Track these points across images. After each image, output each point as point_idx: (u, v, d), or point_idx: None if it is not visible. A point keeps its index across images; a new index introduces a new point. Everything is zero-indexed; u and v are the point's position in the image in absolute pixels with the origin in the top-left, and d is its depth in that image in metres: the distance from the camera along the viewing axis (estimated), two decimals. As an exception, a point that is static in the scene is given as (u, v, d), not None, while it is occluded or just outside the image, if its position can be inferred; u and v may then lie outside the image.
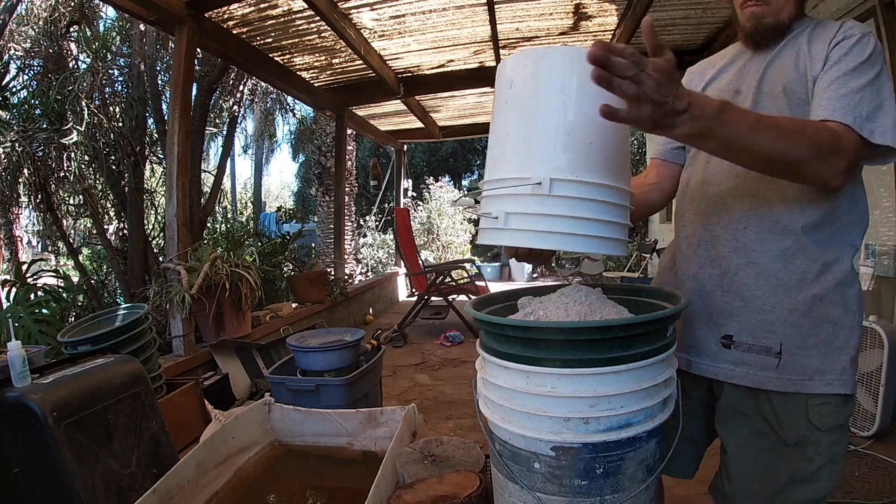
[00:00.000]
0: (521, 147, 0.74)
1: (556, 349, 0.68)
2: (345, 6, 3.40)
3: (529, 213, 0.72)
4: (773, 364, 0.85)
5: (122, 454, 1.41)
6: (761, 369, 0.86)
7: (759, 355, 0.86)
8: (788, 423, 0.84)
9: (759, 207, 0.88)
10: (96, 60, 3.64)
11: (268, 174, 21.36)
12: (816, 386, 0.83)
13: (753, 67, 0.96)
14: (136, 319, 2.13)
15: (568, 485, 0.69)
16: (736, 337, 0.89)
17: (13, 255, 4.70)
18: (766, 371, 0.85)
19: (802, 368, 0.84)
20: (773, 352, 0.85)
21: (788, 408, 0.85)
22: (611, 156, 0.73)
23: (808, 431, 0.83)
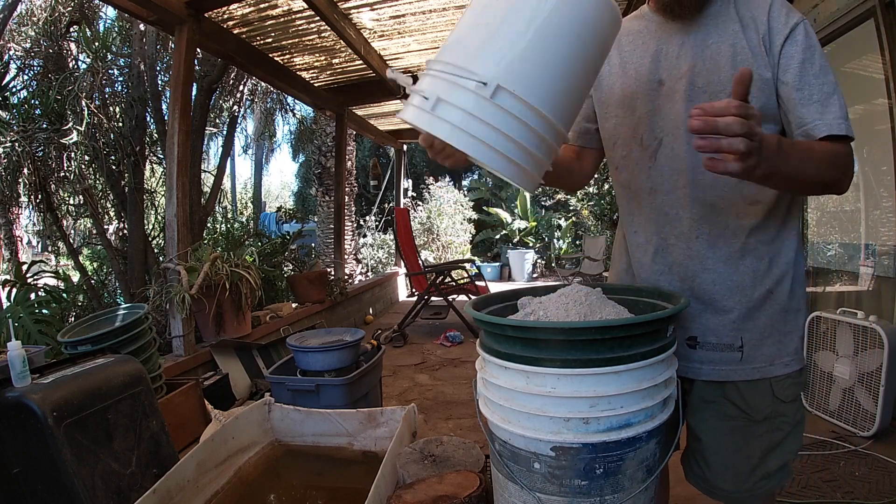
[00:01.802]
0: (480, 37, 0.69)
1: (556, 349, 0.68)
2: (345, 6, 3.41)
3: (461, 109, 0.67)
4: (736, 358, 0.90)
5: (122, 454, 1.40)
6: (726, 364, 0.91)
7: (724, 352, 0.91)
8: (756, 402, 0.90)
9: (709, 215, 0.90)
10: (96, 60, 3.64)
11: (268, 174, 21.37)
12: (777, 369, 0.90)
13: (672, 50, 0.91)
14: (136, 319, 2.13)
15: (568, 485, 0.69)
16: (700, 338, 0.92)
17: (13, 255, 4.70)
18: (731, 365, 0.91)
19: (763, 357, 0.90)
20: (735, 347, 0.90)
21: (754, 390, 0.91)
22: (565, 91, 0.69)
23: (774, 406, 0.90)
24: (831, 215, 3.34)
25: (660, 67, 0.92)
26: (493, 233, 11.18)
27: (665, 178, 0.93)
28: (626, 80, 0.97)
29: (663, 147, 0.93)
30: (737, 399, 0.91)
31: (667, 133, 0.92)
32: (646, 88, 0.93)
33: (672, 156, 0.92)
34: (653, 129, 0.94)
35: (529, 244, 10.47)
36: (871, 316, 2.27)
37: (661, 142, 0.93)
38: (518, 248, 10.06)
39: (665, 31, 0.93)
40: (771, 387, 0.90)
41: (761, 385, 0.90)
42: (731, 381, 0.91)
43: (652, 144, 0.94)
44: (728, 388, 0.92)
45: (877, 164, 2.72)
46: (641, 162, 0.97)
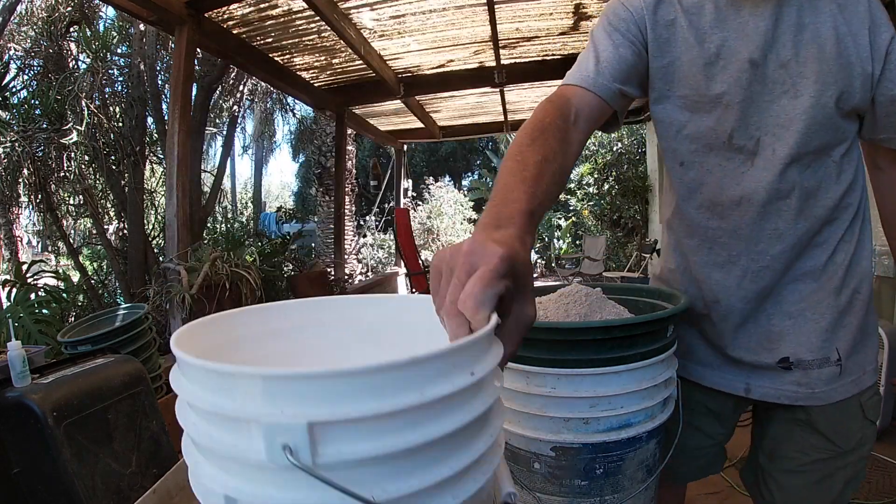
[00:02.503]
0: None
1: (557, 350, 0.68)
2: (345, 6, 3.40)
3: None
4: (836, 373, 0.80)
5: (122, 454, 1.40)
6: (826, 383, 0.80)
7: (822, 368, 0.80)
8: (846, 429, 0.81)
9: (812, 227, 0.78)
10: (96, 60, 3.64)
11: (268, 174, 21.37)
12: (868, 378, 0.81)
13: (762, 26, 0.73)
14: (136, 319, 2.13)
15: (568, 485, 0.69)
16: (793, 357, 0.80)
17: (13, 255, 4.70)
18: (831, 383, 0.80)
19: (857, 366, 0.80)
20: (832, 360, 0.79)
21: (847, 415, 0.81)
22: None
23: (863, 430, 0.81)
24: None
25: (750, 46, 0.74)
26: (493, 233, 11.16)
27: (763, 185, 0.77)
28: (705, 55, 0.77)
29: (762, 148, 0.76)
30: (826, 429, 0.81)
31: (766, 132, 0.75)
32: (735, 71, 0.75)
33: (773, 159, 0.75)
34: (747, 126, 0.76)
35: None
36: (871, 316, 2.27)
37: (759, 142, 0.76)
38: (518, 248, 10.04)
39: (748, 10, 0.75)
40: (861, 406, 0.81)
41: (852, 406, 0.81)
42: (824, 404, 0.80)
43: (747, 145, 0.77)
44: (817, 417, 0.81)
45: (877, 164, 2.72)
46: (730, 164, 0.79)
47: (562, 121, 0.71)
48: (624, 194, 7.91)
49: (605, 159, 8.55)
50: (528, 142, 0.64)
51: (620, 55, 0.78)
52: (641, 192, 7.62)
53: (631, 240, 8.18)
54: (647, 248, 6.75)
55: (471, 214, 10.47)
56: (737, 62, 0.74)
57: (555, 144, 0.65)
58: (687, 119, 0.80)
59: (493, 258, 0.41)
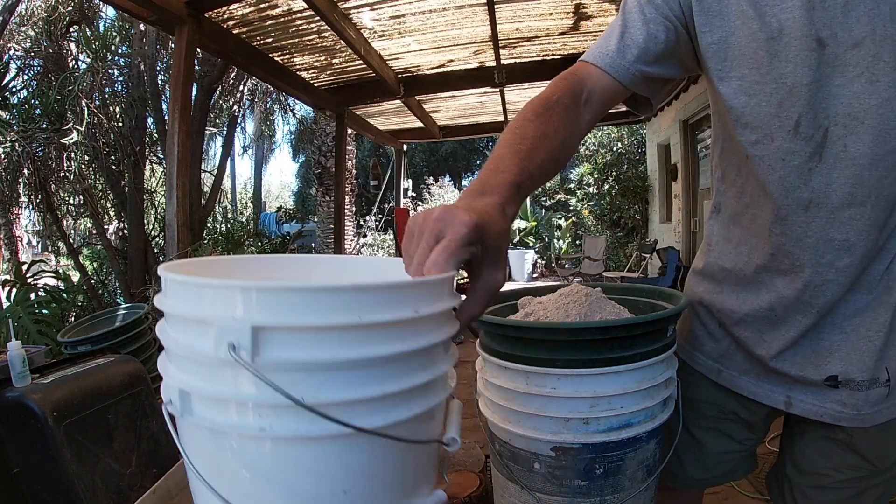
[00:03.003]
0: None
1: (557, 350, 0.68)
2: (345, 6, 3.40)
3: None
4: (884, 394, 0.72)
5: (122, 454, 1.40)
6: (873, 405, 0.73)
7: (871, 390, 0.72)
8: (886, 450, 0.76)
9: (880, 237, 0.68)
10: (96, 60, 3.64)
11: (268, 174, 21.38)
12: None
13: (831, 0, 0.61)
14: (136, 319, 2.13)
15: (568, 485, 0.69)
16: (842, 376, 0.73)
17: (13, 255, 4.70)
18: (878, 405, 0.72)
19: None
20: (881, 381, 0.72)
21: (889, 436, 0.75)
22: None
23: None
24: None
25: (815, 21, 0.62)
26: (493, 233, 11.17)
27: (833, 188, 0.66)
28: (764, 27, 0.65)
29: (831, 142, 0.65)
30: (863, 449, 0.75)
31: (835, 122, 0.64)
32: (799, 49, 0.63)
33: (846, 157, 0.64)
34: (815, 113, 0.65)
35: (529, 244, 10.48)
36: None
37: (828, 133, 0.65)
38: (518, 248, 10.06)
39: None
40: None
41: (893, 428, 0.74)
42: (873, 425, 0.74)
43: (816, 135, 0.65)
44: (858, 436, 0.75)
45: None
46: (794, 158, 0.67)
47: (571, 100, 0.68)
48: (624, 194, 7.91)
49: (605, 159, 8.55)
50: (532, 117, 0.63)
51: (650, 32, 0.69)
52: (641, 192, 7.63)
53: (631, 240, 8.18)
54: (647, 248, 6.75)
55: (471, 214, 10.48)
56: (802, 39, 0.63)
57: (558, 123, 0.64)
58: (745, 103, 0.69)
59: (460, 227, 0.42)
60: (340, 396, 0.34)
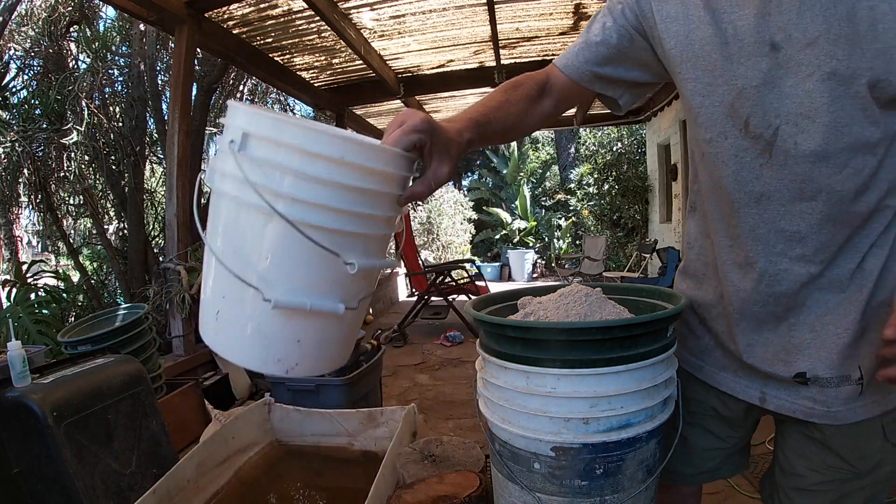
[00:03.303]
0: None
1: (556, 349, 0.68)
2: (345, 6, 3.41)
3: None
4: (857, 392, 0.73)
5: (122, 454, 1.40)
6: (844, 403, 0.73)
7: (841, 387, 0.73)
8: (865, 450, 0.76)
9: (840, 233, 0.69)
10: (96, 60, 3.64)
11: (268, 174, 21.29)
12: (894, 399, 0.73)
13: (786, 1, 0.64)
14: (136, 319, 2.13)
15: (568, 485, 0.69)
16: (810, 373, 0.74)
17: (13, 255, 4.70)
18: (850, 403, 0.73)
19: (883, 386, 0.72)
20: (853, 379, 0.73)
21: (865, 436, 0.75)
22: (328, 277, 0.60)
23: (884, 453, 0.76)
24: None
25: (770, 24, 0.65)
26: (493, 233, 11.19)
27: (784, 183, 0.68)
28: (719, 32, 0.69)
29: (780, 139, 0.67)
30: (842, 449, 0.76)
31: (786, 120, 0.66)
32: (751, 52, 0.67)
33: (796, 154, 0.66)
34: (765, 112, 0.67)
35: (529, 244, 10.48)
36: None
37: (778, 131, 0.67)
38: (518, 248, 10.07)
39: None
40: (883, 429, 0.74)
41: (872, 427, 0.74)
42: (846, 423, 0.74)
43: (765, 133, 0.68)
44: (832, 434, 0.76)
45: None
46: (746, 155, 0.71)
47: (535, 88, 0.83)
48: (624, 194, 7.91)
49: (605, 159, 8.55)
50: (501, 89, 0.82)
51: (603, 38, 0.80)
52: (641, 192, 7.62)
53: (631, 240, 8.18)
54: (647, 248, 6.75)
55: (471, 214, 10.47)
56: (755, 44, 0.66)
57: (518, 99, 0.81)
58: (700, 104, 0.73)
59: (414, 118, 0.62)
60: (300, 195, 0.54)
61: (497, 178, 12.42)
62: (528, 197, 11.08)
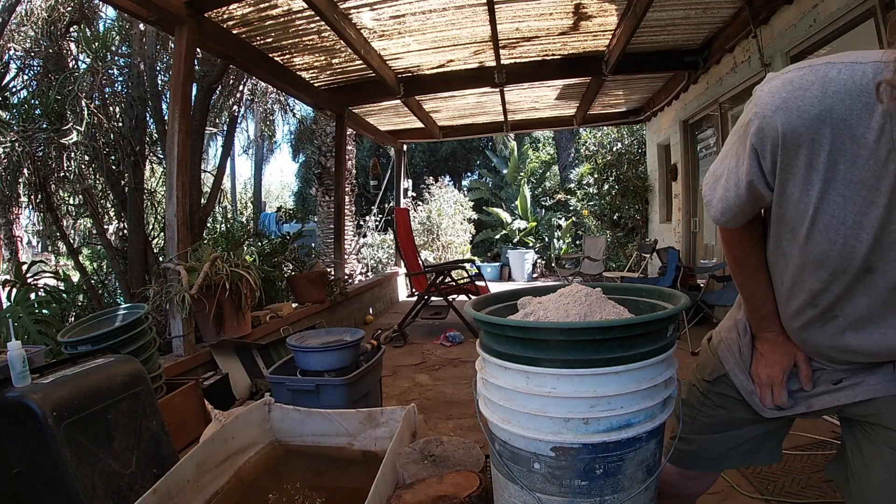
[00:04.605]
0: None
1: (557, 350, 0.68)
2: (345, 6, 3.40)
3: None
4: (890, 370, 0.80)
5: (122, 454, 1.40)
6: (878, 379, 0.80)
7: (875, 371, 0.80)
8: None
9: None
10: (96, 60, 3.64)
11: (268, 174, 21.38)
12: None
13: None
14: (136, 319, 2.13)
15: (568, 485, 0.69)
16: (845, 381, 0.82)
17: (13, 255, 4.70)
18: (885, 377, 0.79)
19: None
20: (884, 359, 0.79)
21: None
22: None
23: None
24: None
25: (876, 250, 0.66)
26: (493, 233, 11.19)
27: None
28: (879, 164, 0.62)
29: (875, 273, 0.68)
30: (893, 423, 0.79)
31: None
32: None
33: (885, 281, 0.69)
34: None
35: (529, 244, 10.47)
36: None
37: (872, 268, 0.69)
38: (518, 248, 10.06)
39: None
40: None
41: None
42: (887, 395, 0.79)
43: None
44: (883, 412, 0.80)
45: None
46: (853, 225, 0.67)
47: (755, 242, 0.88)
48: (624, 194, 7.90)
49: (605, 159, 8.54)
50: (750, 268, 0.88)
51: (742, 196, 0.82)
52: (641, 192, 7.61)
53: (631, 240, 8.17)
54: (647, 248, 6.75)
55: (471, 214, 10.47)
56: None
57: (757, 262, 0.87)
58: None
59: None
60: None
61: (497, 178, 12.42)
62: (528, 197, 11.08)
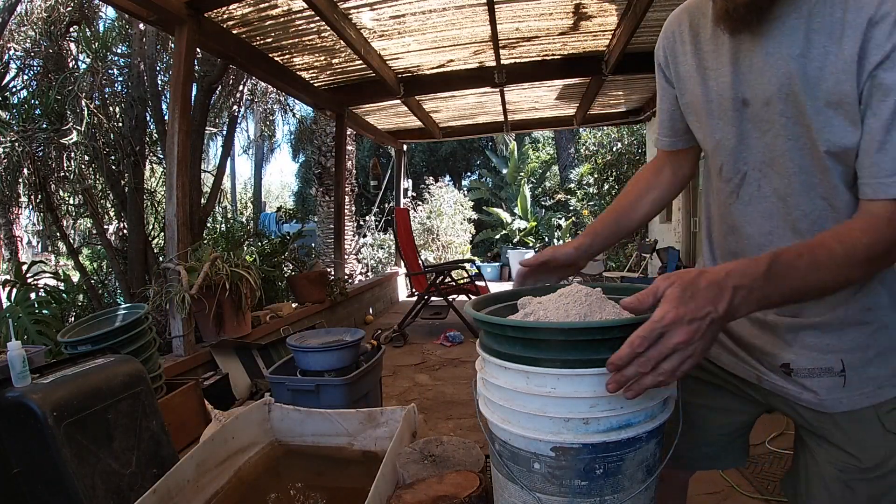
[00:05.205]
0: None
1: (557, 350, 0.68)
2: (345, 6, 3.41)
3: None
4: (839, 383, 0.79)
5: (122, 454, 1.40)
6: (828, 392, 0.79)
7: (822, 378, 0.80)
8: (866, 443, 0.78)
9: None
10: (96, 60, 3.64)
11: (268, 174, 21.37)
12: (888, 392, 0.78)
13: (756, 62, 0.73)
14: (136, 319, 2.13)
15: (568, 485, 0.69)
16: (794, 364, 0.82)
17: (13, 255, 4.70)
18: (833, 392, 0.79)
19: (871, 380, 0.78)
20: (835, 371, 0.79)
21: (861, 427, 0.79)
22: None
23: (888, 444, 0.77)
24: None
25: (742, 83, 0.76)
26: (493, 233, 11.19)
27: (749, 219, 0.81)
28: (707, 91, 0.82)
29: (747, 183, 0.80)
30: (842, 442, 0.80)
31: (752, 167, 0.79)
32: (729, 108, 0.79)
33: (759, 196, 0.79)
34: (735, 161, 0.81)
35: (529, 244, 10.48)
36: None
37: (745, 177, 0.80)
38: (518, 248, 10.07)
39: (745, 48, 0.75)
40: (879, 419, 0.77)
41: (868, 417, 0.78)
42: (835, 412, 0.79)
43: (734, 179, 0.81)
44: (830, 428, 0.80)
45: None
46: (720, 194, 0.85)
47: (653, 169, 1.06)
48: (624, 194, 7.89)
49: (605, 159, 8.54)
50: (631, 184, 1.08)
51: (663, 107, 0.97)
52: (641, 192, 7.61)
53: (631, 240, 8.18)
54: (647, 248, 6.75)
55: (471, 214, 10.47)
56: (730, 100, 0.78)
57: (636, 183, 1.07)
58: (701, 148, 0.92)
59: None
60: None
61: (497, 178, 12.42)
62: (528, 197, 11.08)
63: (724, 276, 0.59)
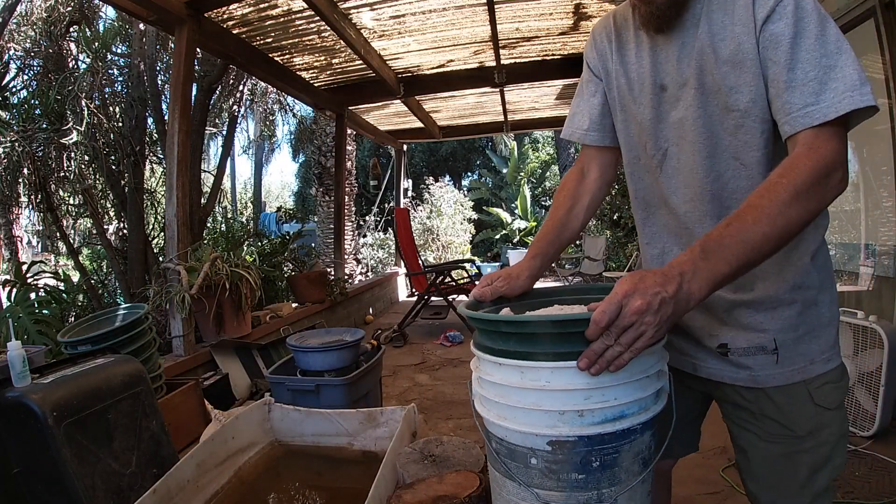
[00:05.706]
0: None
1: (550, 343, 0.68)
2: (345, 6, 3.41)
3: None
4: (772, 361, 0.85)
5: (122, 454, 1.41)
6: (761, 368, 0.86)
7: (756, 356, 0.86)
8: (797, 415, 0.84)
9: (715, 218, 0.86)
10: (96, 60, 3.65)
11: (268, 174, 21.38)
12: (818, 367, 0.84)
13: (671, 53, 0.86)
14: (136, 319, 2.13)
15: (565, 479, 0.69)
16: (731, 344, 0.88)
17: (13, 255, 4.71)
18: (767, 369, 0.85)
19: (802, 356, 0.85)
20: (769, 349, 0.85)
21: (792, 400, 0.85)
22: None
23: (818, 416, 0.84)
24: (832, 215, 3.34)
25: (660, 72, 0.88)
26: (493, 233, 11.19)
27: (673, 189, 0.90)
28: (629, 81, 0.94)
29: (668, 158, 0.90)
30: (774, 413, 0.86)
31: (672, 143, 0.89)
32: (649, 92, 0.90)
33: (678, 168, 0.88)
34: (657, 139, 0.90)
35: (529, 244, 10.47)
36: (870, 316, 2.27)
37: (667, 152, 0.90)
38: (518, 248, 10.07)
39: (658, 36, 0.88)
40: (809, 393, 0.84)
41: (798, 392, 0.84)
42: (768, 386, 0.86)
43: (657, 155, 0.91)
44: (762, 399, 0.86)
45: (877, 164, 2.72)
46: (650, 173, 0.94)
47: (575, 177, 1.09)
48: (624, 194, 7.90)
49: (604, 159, 8.53)
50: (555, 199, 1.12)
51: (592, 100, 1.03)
52: (641, 192, 7.62)
53: (631, 240, 8.17)
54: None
55: (471, 214, 10.47)
56: (650, 87, 0.89)
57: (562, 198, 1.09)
58: (624, 136, 0.98)
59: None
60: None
61: (497, 178, 12.43)
62: (528, 197, 11.08)
63: (669, 267, 0.65)
